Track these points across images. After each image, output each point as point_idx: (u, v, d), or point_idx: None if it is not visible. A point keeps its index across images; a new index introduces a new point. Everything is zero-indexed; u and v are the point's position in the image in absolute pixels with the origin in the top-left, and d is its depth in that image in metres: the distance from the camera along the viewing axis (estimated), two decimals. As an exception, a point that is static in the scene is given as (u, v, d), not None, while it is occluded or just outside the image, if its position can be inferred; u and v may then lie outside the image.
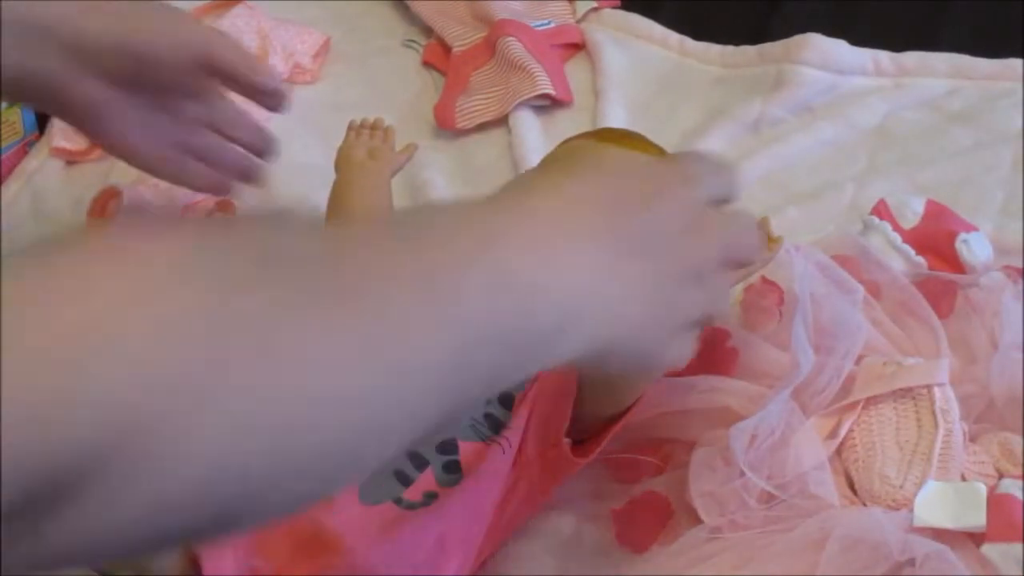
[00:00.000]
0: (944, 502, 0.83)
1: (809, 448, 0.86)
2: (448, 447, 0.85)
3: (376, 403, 0.50)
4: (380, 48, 1.35)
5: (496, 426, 0.86)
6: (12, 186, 1.21)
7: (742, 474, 0.84)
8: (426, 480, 0.83)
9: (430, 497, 0.82)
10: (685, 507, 0.87)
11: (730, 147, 1.20)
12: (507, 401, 0.86)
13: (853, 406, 0.88)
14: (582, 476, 0.93)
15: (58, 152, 1.23)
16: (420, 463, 0.83)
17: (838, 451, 0.88)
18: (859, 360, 0.91)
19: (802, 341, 0.89)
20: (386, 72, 1.33)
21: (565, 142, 0.93)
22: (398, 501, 0.82)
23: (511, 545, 0.90)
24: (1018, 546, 0.80)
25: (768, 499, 0.85)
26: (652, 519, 0.88)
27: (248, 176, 0.99)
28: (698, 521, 0.85)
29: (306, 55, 1.31)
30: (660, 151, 0.94)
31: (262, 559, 0.79)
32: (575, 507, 0.90)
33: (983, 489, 0.83)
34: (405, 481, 0.83)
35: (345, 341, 0.49)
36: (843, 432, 0.88)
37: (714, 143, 1.20)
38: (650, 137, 1.21)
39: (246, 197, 1.18)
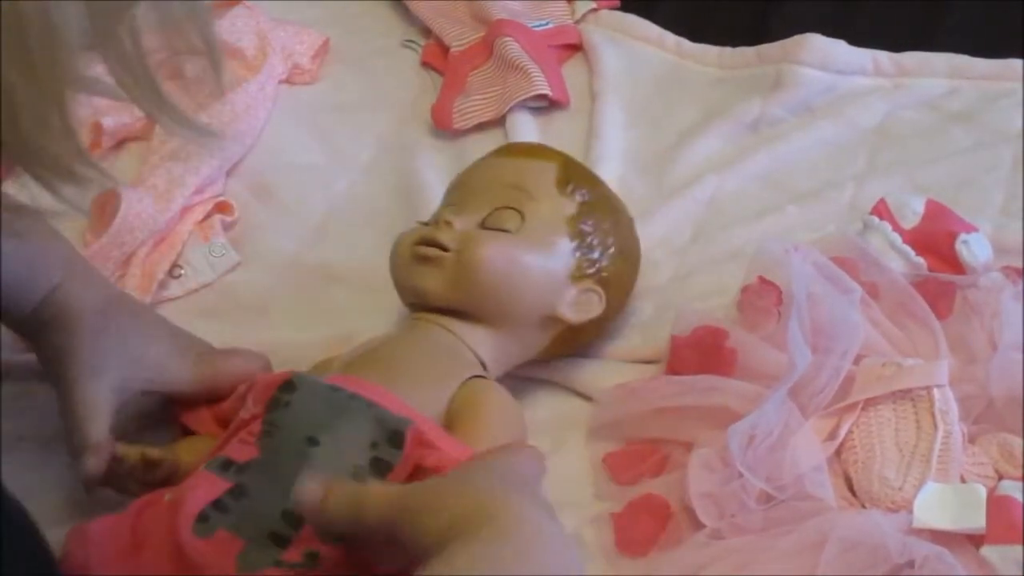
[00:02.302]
0: (944, 503, 0.83)
1: (807, 449, 0.86)
2: None
3: None
4: (379, 48, 1.35)
5: (383, 469, 0.80)
6: (12, 186, 1.20)
7: (740, 475, 0.84)
8: (306, 538, 0.76)
9: (312, 557, 0.76)
10: (684, 509, 0.87)
11: (728, 146, 1.20)
12: (397, 440, 0.80)
13: (852, 407, 0.88)
14: (581, 477, 0.93)
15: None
16: (293, 520, 0.77)
17: (837, 452, 0.88)
18: (858, 360, 0.91)
19: (798, 341, 0.89)
20: (385, 72, 1.32)
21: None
22: (278, 564, 0.76)
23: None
24: (1018, 548, 0.80)
25: (767, 500, 0.85)
26: (651, 522, 0.87)
27: None
28: (697, 523, 0.85)
29: (305, 55, 1.31)
30: (563, 158, 1.00)
31: None
32: (574, 509, 0.90)
33: (983, 490, 0.83)
34: (281, 542, 0.77)
35: None
36: (842, 433, 0.88)
37: (712, 143, 1.20)
38: (647, 139, 1.22)
39: (244, 197, 1.18)
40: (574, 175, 0.99)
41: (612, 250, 0.97)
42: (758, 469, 0.85)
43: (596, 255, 0.96)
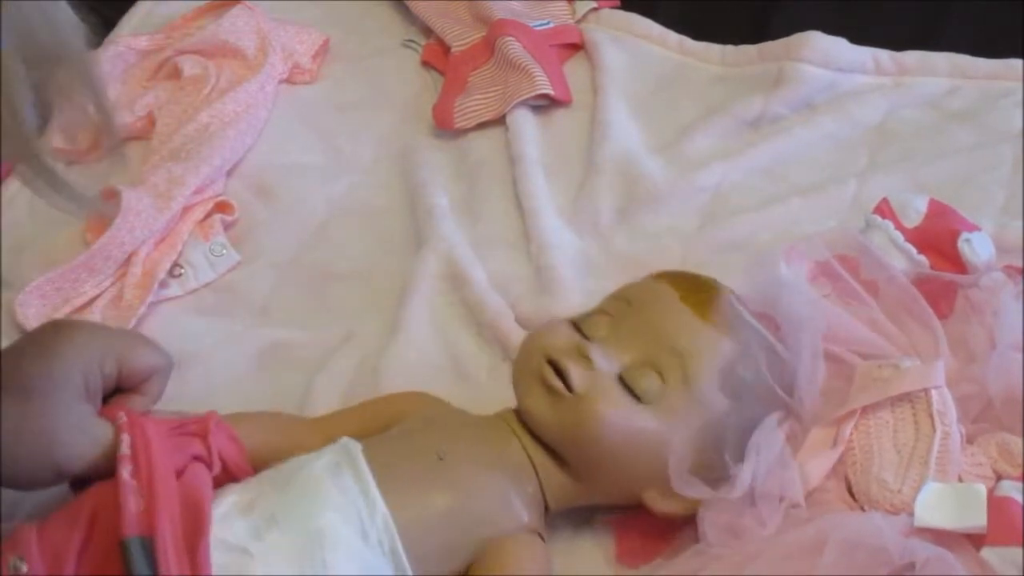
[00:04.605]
0: (944, 503, 0.83)
1: (815, 462, 0.86)
2: None
3: None
4: (379, 48, 1.35)
5: None
6: (12, 186, 1.21)
7: (753, 503, 0.84)
8: None
9: None
10: (687, 522, 0.86)
11: (730, 143, 1.20)
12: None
13: (851, 413, 0.88)
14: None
15: (58, 152, 1.23)
16: None
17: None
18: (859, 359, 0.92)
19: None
20: (385, 72, 1.32)
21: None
22: None
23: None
24: (1018, 550, 0.79)
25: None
26: (653, 535, 0.87)
27: None
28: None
29: (305, 55, 1.31)
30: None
31: None
32: (572, 515, 0.90)
33: (983, 490, 0.83)
34: None
35: None
36: (844, 439, 0.87)
37: (713, 138, 1.20)
38: (650, 133, 1.22)
39: (244, 196, 1.18)
40: (744, 367, 0.88)
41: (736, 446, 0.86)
42: (772, 490, 0.84)
43: (720, 461, 0.86)
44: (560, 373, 0.85)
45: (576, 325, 0.89)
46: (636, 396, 0.85)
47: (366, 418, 0.91)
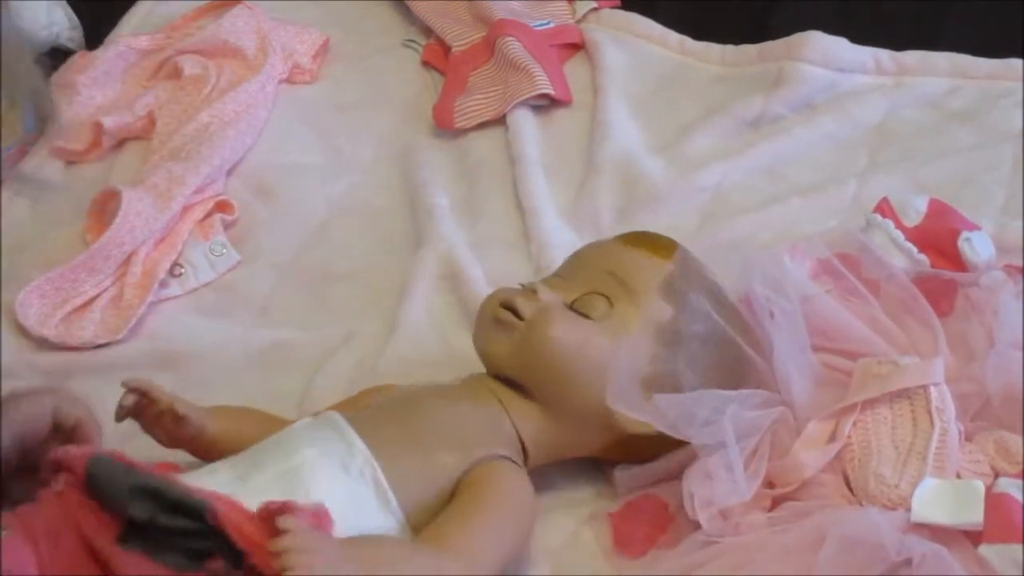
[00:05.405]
0: (942, 499, 0.83)
1: (810, 453, 0.86)
2: None
3: None
4: (379, 48, 1.35)
5: None
6: (12, 186, 1.21)
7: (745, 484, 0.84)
8: None
9: None
10: (682, 509, 0.86)
11: (730, 142, 1.20)
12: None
13: (850, 408, 0.88)
14: (581, 478, 0.93)
15: (58, 152, 1.23)
16: None
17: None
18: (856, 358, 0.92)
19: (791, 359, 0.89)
20: (385, 72, 1.33)
21: None
22: None
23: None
24: (1016, 547, 0.79)
25: (773, 506, 0.85)
26: (650, 525, 0.87)
27: None
28: (696, 523, 0.84)
29: (305, 55, 1.31)
30: (682, 261, 0.93)
31: None
32: (573, 508, 0.90)
33: (981, 486, 0.83)
34: None
35: None
36: (843, 435, 0.87)
37: (713, 138, 1.20)
38: (651, 132, 1.22)
39: (245, 196, 1.18)
40: (684, 282, 0.92)
41: (698, 371, 0.89)
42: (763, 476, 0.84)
43: (678, 370, 0.89)
44: (511, 311, 0.89)
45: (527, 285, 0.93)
46: (586, 317, 0.89)
47: (346, 408, 0.92)
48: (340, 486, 0.81)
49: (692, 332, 0.90)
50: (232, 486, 0.79)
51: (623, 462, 0.90)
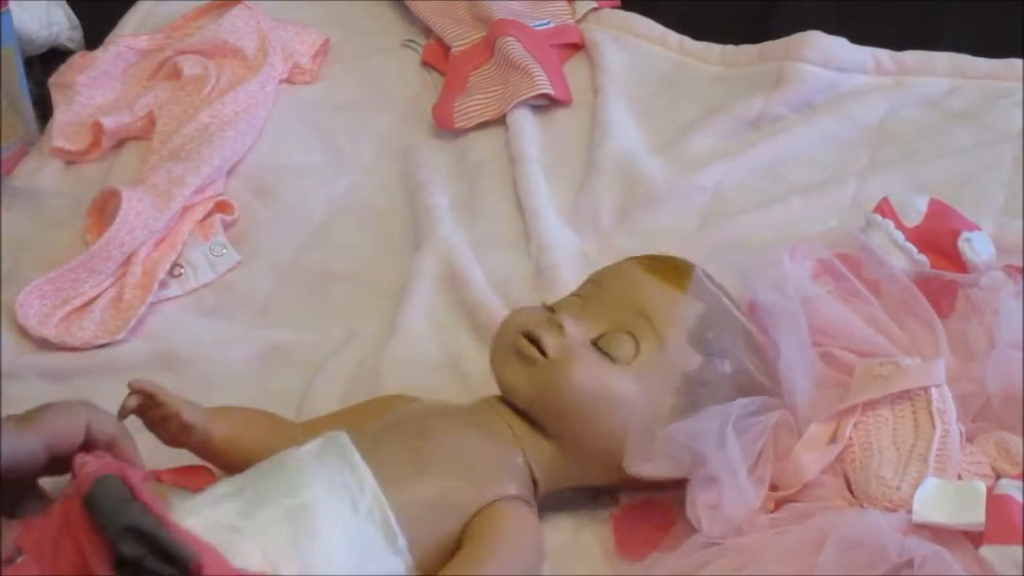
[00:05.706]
0: (943, 499, 0.83)
1: (811, 456, 0.86)
2: None
3: None
4: (379, 48, 1.35)
5: None
6: (12, 186, 1.21)
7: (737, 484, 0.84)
8: None
9: None
10: (683, 511, 0.86)
11: (729, 141, 1.20)
12: None
13: (851, 410, 0.88)
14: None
15: (58, 152, 1.23)
16: None
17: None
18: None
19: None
20: (385, 72, 1.33)
21: None
22: None
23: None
24: (1017, 548, 0.79)
25: (776, 507, 0.85)
26: (652, 528, 0.87)
27: None
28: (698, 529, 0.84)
29: (305, 55, 1.31)
30: (712, 302, 0.91)
31: None
32: (574, 509, 0.90)
33: (982, 487, 0.83)
34: None
35: None
36: (844, 436, 0.87)
37: (713, 138, 1.20)
38: (651, 133, 1.22)
39: (244, 196, 1.18)
40: (715, 326, 0.89)
41: None
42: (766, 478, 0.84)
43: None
44: (535, 343, 0.87)
45: (551, 308, 0.90)
46: (611, 359, 0.86)
47: (353, 420, 0.91)
48: (348, 528, 0.79)
49: (720, 381, 0.88)
50: (236, 520, 0.78)
51: (632, 491, 0.89)
